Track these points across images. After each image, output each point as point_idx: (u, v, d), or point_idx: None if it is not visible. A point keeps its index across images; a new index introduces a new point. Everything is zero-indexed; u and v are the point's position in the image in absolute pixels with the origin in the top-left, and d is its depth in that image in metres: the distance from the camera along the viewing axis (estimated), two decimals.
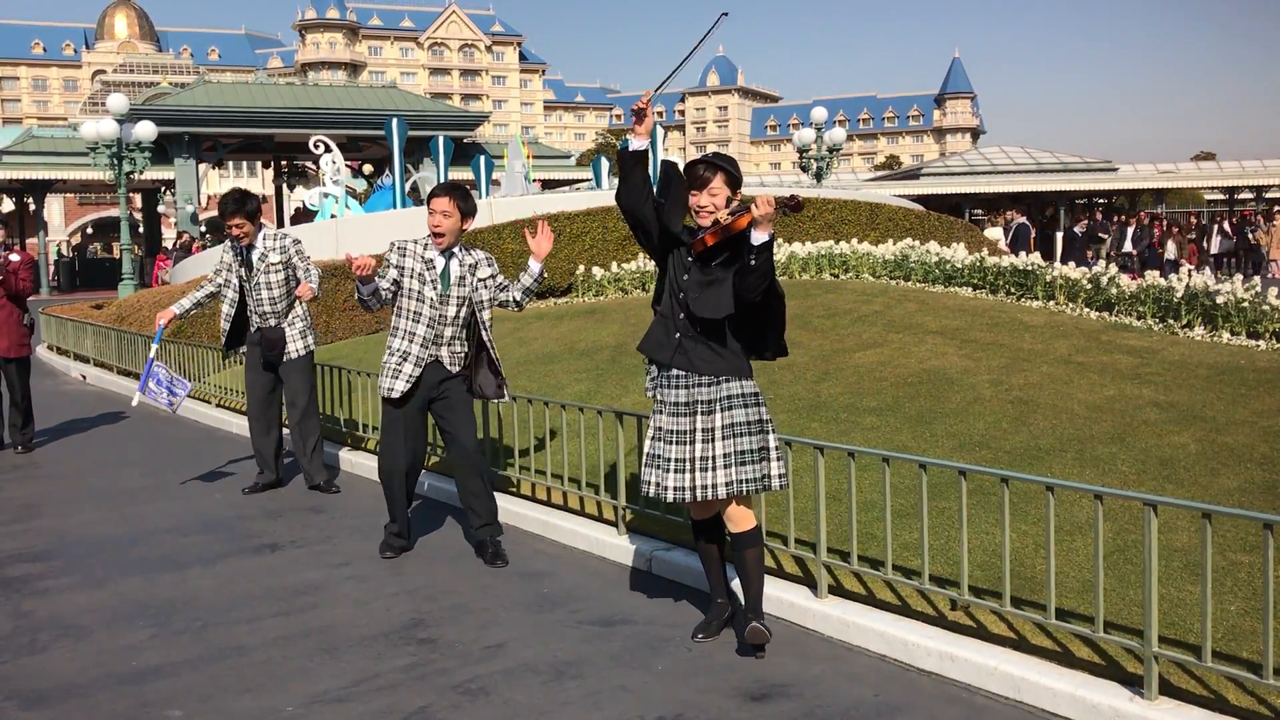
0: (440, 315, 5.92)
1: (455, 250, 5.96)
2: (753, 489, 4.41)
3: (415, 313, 5.91)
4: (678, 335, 4.49)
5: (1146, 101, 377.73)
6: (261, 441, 7.88)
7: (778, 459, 4.48)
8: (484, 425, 7.19)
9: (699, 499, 4.46)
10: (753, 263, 4.25)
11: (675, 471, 4.48)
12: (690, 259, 4.50)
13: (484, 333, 6.02)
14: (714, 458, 4.42)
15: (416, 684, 4.29)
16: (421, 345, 5.92)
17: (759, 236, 4.22)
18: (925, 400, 7.20)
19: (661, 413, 4.56)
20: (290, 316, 7.76)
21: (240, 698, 4.20)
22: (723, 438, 4.42)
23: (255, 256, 7.65)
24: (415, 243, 5.98)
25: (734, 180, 4.47)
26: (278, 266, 7.66)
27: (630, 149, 4.45)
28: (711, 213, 4.43)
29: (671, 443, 4.50)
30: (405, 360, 5.90)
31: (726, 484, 4.40)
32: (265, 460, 7.88)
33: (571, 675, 4.36)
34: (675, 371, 4.50)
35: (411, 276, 5.90)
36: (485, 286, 6.02)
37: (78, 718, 4.05)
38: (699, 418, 4.46)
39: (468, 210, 5.94)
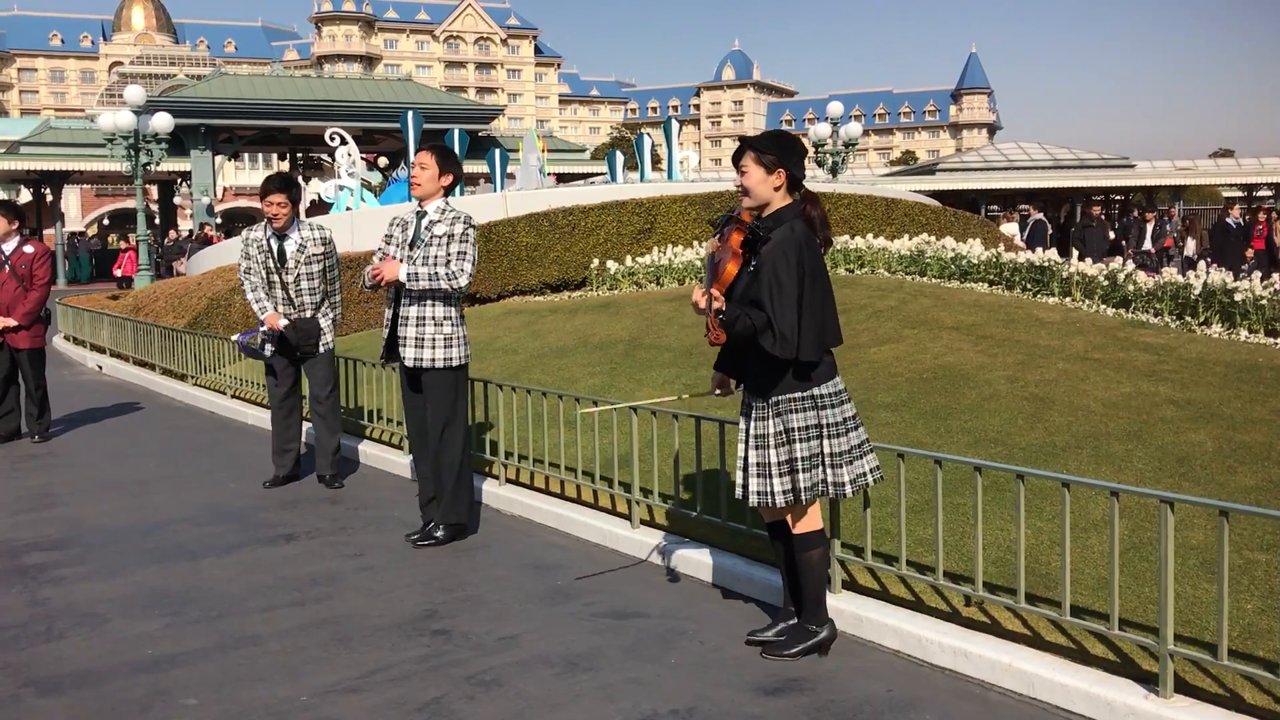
0: None
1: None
2: (765, 501, 4.31)
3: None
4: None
5: (1164, 98, 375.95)
6: (284, 433, 7.78)
7: (804, 470, 4.27)
8: (497, 417, 7.20)
9: (737, 496, 4.44)
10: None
11: (739, 469, 4.43)
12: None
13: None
14: (752, 464, 4.35)
15: (430, 675, 4.31)
16: None
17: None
18: (940, 396, 7.18)
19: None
20: (324, 308, 7.69)
21: (254, 687, 4.22)
22: (757, 446, 4.33)
23: (292, 246, 7.53)
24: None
25: (771, 160, 4.25)
26: (319, 257, 7.59)
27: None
28: (744, 194, 4.32)
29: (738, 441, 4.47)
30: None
31: (757, 492, 4.33)
32: (284, 454, 7.80)
33: (584, 668, 4.36)
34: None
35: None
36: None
37: (93, 705, 4.07)
38: (753, 422, 4.37)
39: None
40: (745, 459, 4.38)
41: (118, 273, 35.04)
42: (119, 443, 9.58)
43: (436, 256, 5.99)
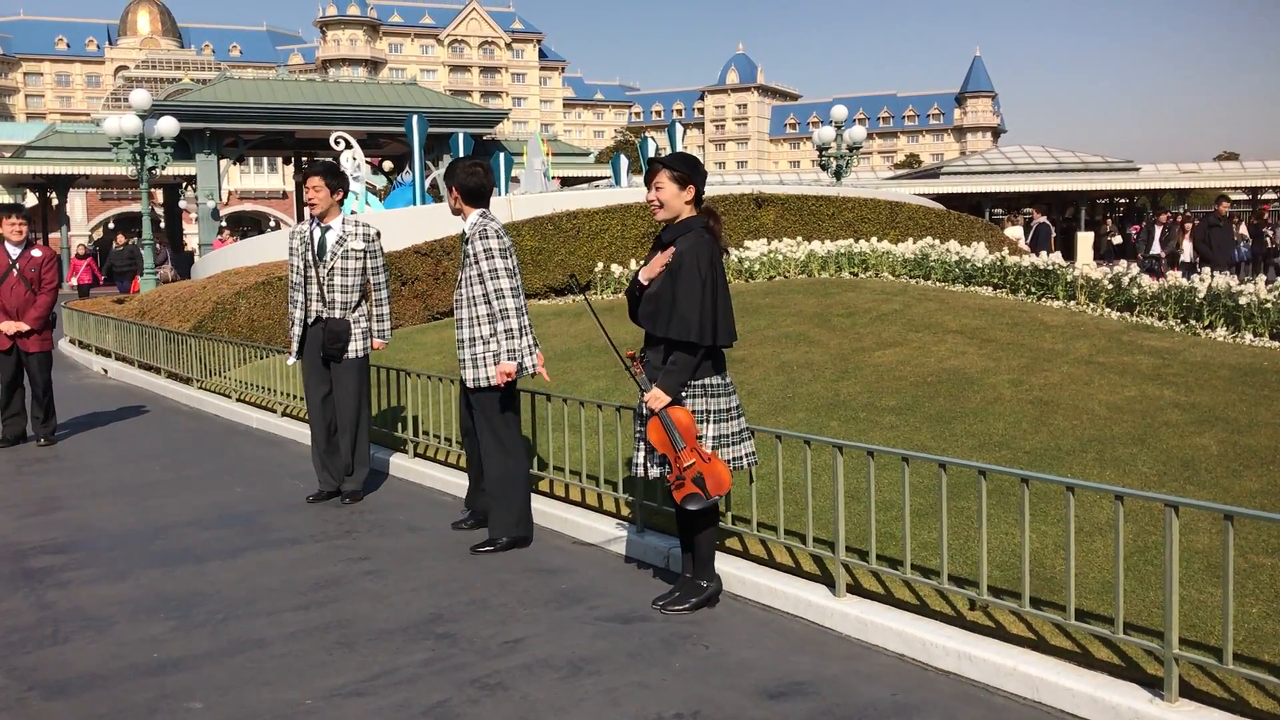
0: None
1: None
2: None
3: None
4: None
5: (1169, 101, 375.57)
6: (325, 447, 7.38)
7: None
8: None
9: (638, 474, 5.07)
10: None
11: (640, 450, 5.08)
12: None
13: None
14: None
15: (435, 678, 4.31)
16: None
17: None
18: (945, 400, 7.18)
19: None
20: (356, 314, 7.28)
21: (260, 690, 4.22)
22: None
23: (332, 239, 7.20)
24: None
25: (680, 177, 4.90)
26: (358, 254, 7.21)
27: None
28: (659, 207, 4.94)
29: None
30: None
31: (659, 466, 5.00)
32: (328, 467, 7.41)
33: (589, 672, 4.37)
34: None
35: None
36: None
37: (99, 708, 4.08)
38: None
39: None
40: (647, 441, 4.95)
41: (73, 281, 34.93)
42: (124, 446, 9.60)
43: (471, 278, 6.11)
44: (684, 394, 4.87)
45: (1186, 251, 26.27)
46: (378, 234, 7.43)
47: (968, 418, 6.81)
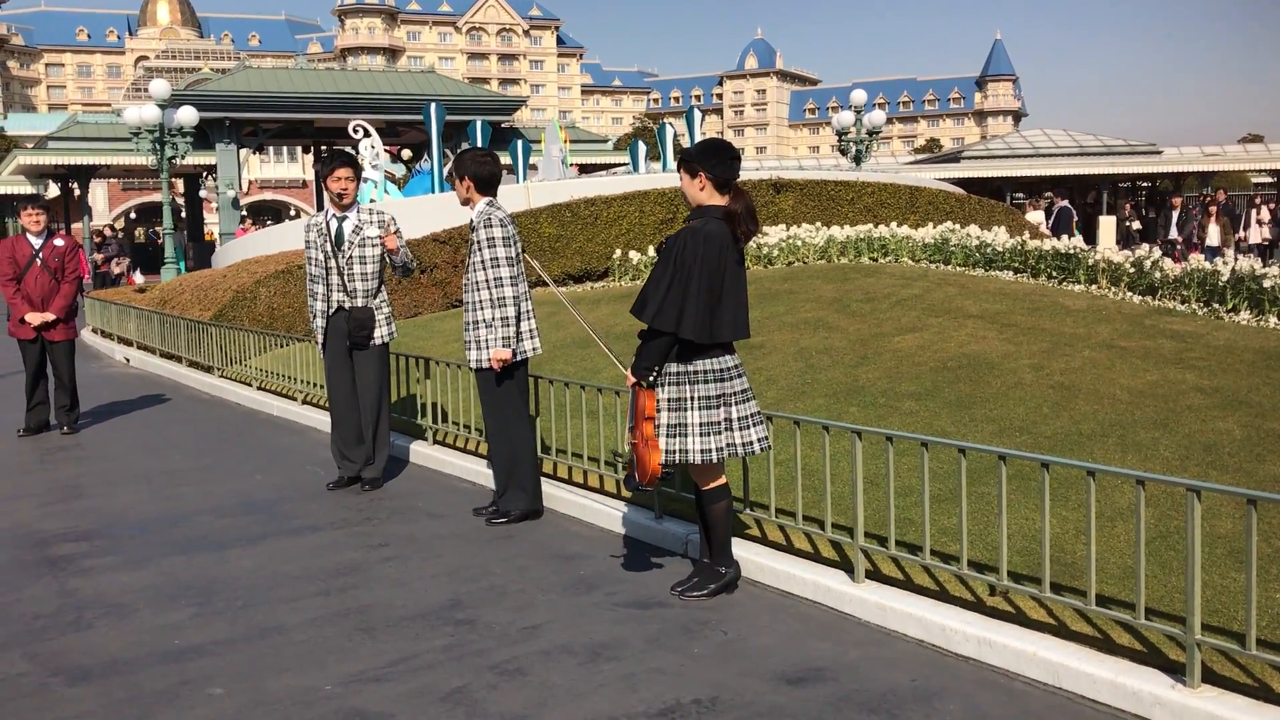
0: None
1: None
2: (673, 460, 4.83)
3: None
4: None
5: (1192, 83, 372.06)
6: (348, 436, 7.35)
7: (695, 435, 4.79)
8: None
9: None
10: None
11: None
12: None
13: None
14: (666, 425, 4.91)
15: (454, 664, 4.32)
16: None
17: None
18: (965, 385, 7.14)
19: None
20: (378, 300, 7.36)
21: (280, 676, 4.24)
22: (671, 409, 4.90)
23: (349, 228, 7.26)
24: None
25: (689, 167, 4.87)
26: (375, 240, 7.28)
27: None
28: (686, 200, 4.99)
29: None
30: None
31: (666, 451, 4.84)
32: (350, 455, 7.39)
33: (608, 657, 4.37)
34: None
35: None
36: None
37: (121, 694, 4.11)
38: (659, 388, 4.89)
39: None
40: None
41: None
42: (146, 435, 9.66)
43: (475, 265, 6.35)
44: (667, 380, 4.81)
45: (1212, 236, 25.82)
46: (393, 219, 7.50)
47: (988, 403, 6.77)
